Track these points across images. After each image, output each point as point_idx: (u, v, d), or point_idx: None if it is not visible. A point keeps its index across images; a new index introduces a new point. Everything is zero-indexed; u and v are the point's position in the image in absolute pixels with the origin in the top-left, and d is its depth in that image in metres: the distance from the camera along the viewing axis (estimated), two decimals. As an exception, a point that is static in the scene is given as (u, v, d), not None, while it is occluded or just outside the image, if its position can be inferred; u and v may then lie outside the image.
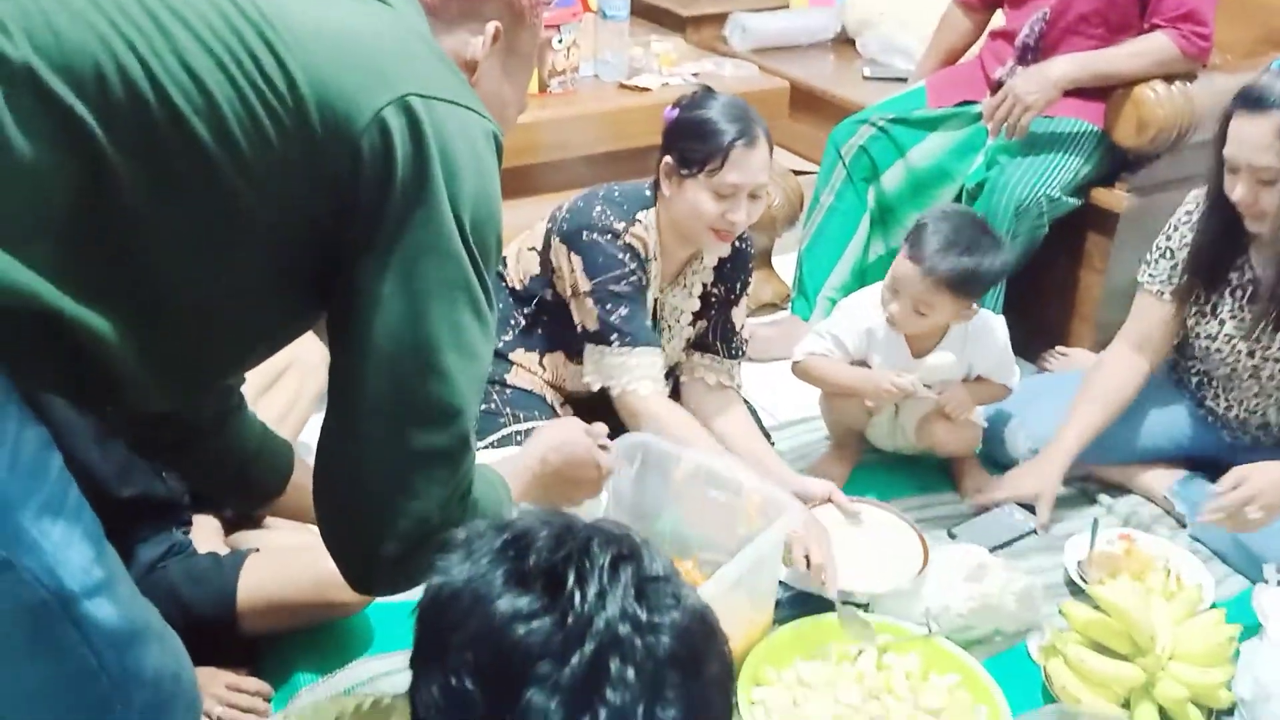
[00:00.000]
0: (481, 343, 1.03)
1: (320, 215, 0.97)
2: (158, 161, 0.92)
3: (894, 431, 2.20)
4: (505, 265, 2.07)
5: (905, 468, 2.23)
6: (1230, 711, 1.64)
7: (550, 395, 2.07)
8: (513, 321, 2.05)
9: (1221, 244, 1.94)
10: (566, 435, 1.47)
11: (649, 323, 1.93)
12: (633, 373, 1.88)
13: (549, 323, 2.03)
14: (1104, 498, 2.17)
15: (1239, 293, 1.96)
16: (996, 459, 2.25)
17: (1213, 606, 1.78)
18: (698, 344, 2.12)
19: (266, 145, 0.94)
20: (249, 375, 1.34)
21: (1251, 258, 1.95)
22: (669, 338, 2.05)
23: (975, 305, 2.03)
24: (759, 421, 2.17)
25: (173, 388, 1.05)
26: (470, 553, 0.67)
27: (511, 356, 2.05)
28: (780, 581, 1.79)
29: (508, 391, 2.03)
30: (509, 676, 0.62)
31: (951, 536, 2.04)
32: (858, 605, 1.81)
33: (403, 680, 1.65)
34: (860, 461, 2.24)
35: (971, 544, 1.96)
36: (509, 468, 1.31)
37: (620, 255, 1.88)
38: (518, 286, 2.04)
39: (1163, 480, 2.14)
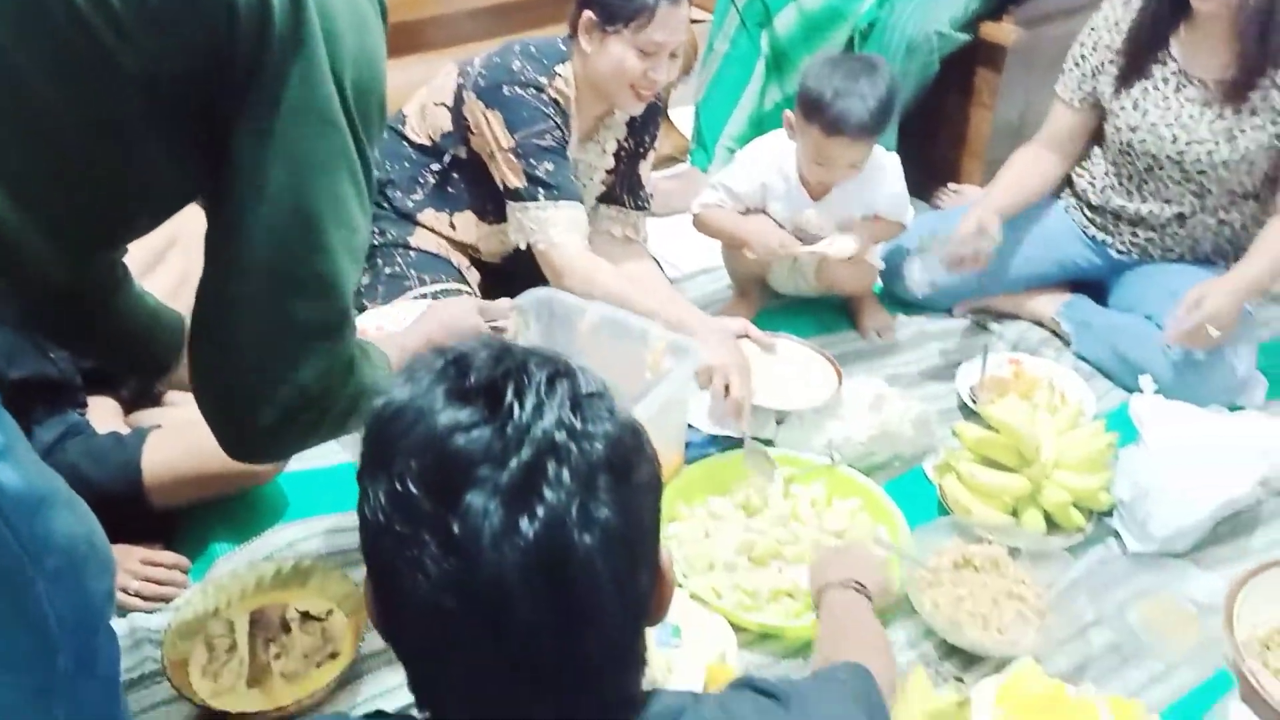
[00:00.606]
0: (360, 215, 1.04)
1: (197, 72, 0.94)
2: (27, 20, 0.88)
3: (794, 275, 2.23)
4: (405, 122, 2.01)
5: (807, 310, 2.28)
6: (1109, 512, 1.76)
7: (456, 258, 2.05)
8: (421, 180, 2.00)
9: (1155, 30, 1.98)
10: (456, 312, 1.47)
11: (572, 175, 1.91)
12: (558, 226, 1.87)
13: (461, 181, 1.99)
14: (995, 325, 2.26)
15: (1163, 84, 2.00)
16: (895, 295, 2.31)
17: (1095, 418, 1.89)
18: (604, 197, 2.11)
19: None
20: (134, 255, 1.30)
21: (1173, 49, 1.99)
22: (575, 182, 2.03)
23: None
24: (664, 273, 2.18)
25: (55, 256, 1.02)
26: (412, 376, 0.70)
27: (420, 218, 2.02)
28: (690, 425, 1.83)
29: (411, 254, 2.01)
30: (450, 481, 0.64)
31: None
32: (764, 441, 1.88)
33: (320, 543, 1.68)
34: (763, 306, 2.28)
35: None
36: (393, 345, 1.31)
37: (544, 109, 1.85)
38: (426, 142, 1.99)
39: (1049, 304, 2.23)
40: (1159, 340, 1.97)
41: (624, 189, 2.09)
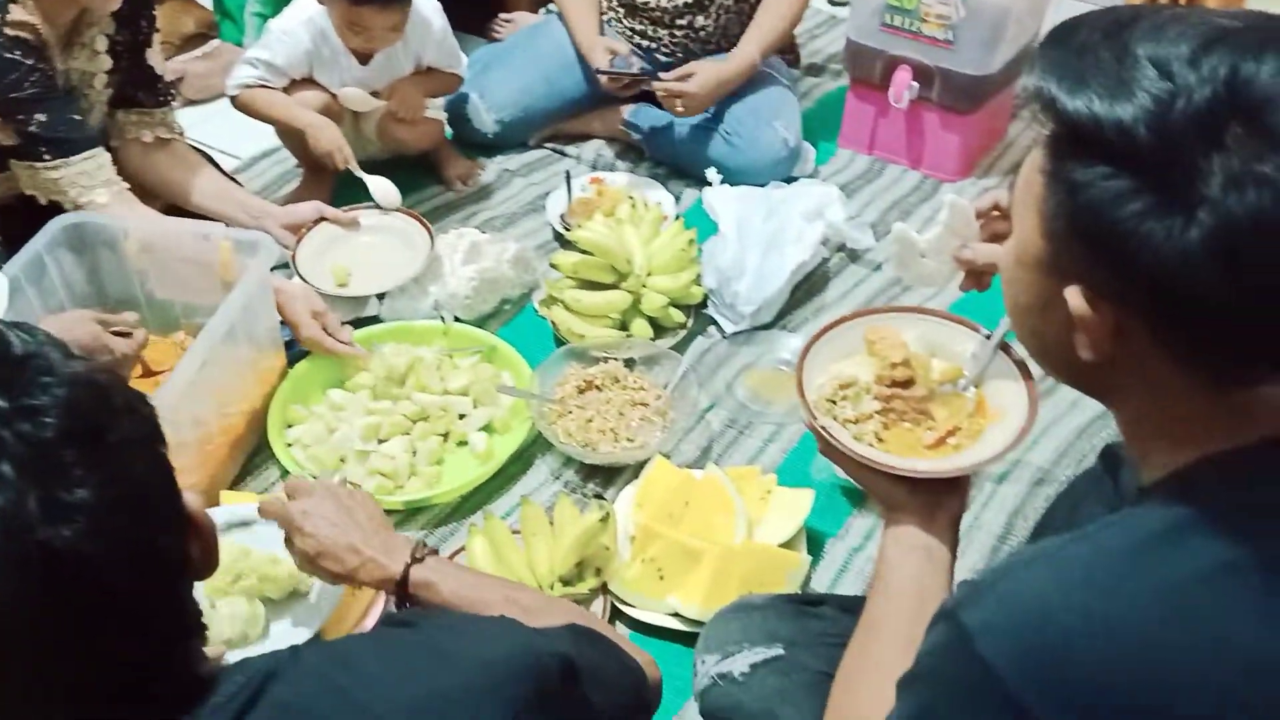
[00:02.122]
0: None
1: None
2: None
3: (359, 143, 2.11)
4: None
5: (385, 174, 2.17)
6: (704, 304, 1.88)
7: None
8: None
9: None
10: (69, 323, 1.39)
11: (75, 116, 1.64)
12: (78, 184, 1.62)
13: None
14: (571, 149, 2.29)
15: None
16: (470, 140, 2.27)
17: (676, 219, 1.98)
18: (117, 101, 1.85)
19: None
20: None
21: None
22: (86, 109, 1.77)
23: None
24: (218, 167, 1.99)
25: None
26: None
27: None
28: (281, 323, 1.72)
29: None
30: None
31: None
32: (370, 319, 1.82)
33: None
34: (338, 181, 2.16)
35: None
36: None
37: (7, 56, 1.54)
38: None
39: (616, 118, 2.27)
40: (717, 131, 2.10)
41: (137, 87, 1.83)
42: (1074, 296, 0.67)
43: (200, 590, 1.23)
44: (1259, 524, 0.64)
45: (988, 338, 0.98)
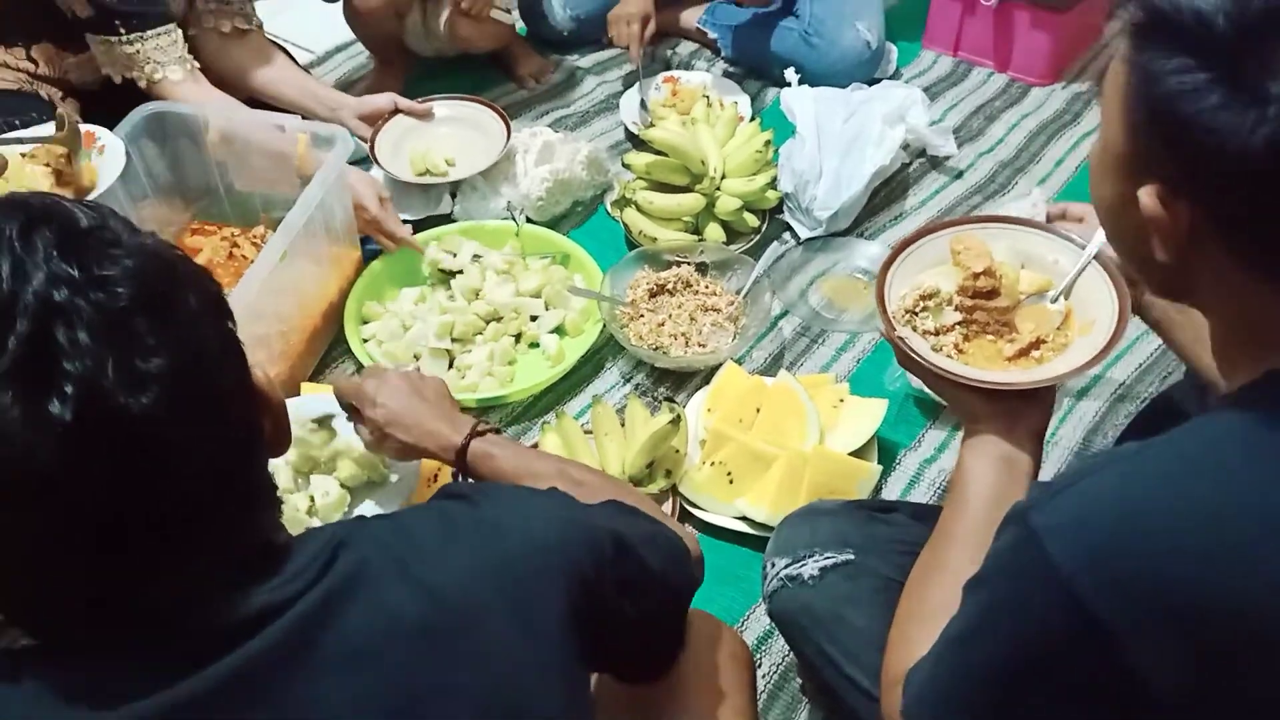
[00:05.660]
0: None
1: None
2: None
3: (428, 36, 2.09)
4: None
5: (457, 70, 2.16)
6: (779, 208, 1.84)
7: (46, 90, 1.77)
8: None
9: None
10: None
11: None
12: (153, 59, 1.64)
13: (16, 10, 1.68)
14: (645, 47, 2.23)
15: None
16: (543, 37, 2.23)
17: (752, 120, 1.93)
18: (192, -9, 1.84)
19: None
20: None
21: None
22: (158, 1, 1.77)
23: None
24: (294, 60, 1.99)
25: None
26: None
27: None
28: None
29: (-15, 94, 1.71)
30: None
31: None
32: (442, 218, 1.82)
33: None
34: (410, 74, 2.14)
35: None
36: None
37: None
38: None
39: (691, 15, 2.22)
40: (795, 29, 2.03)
41: (215, -25, 1.83)
42: (1147, 196, 0.66)
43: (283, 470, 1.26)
44: None
45: (1082, 249, 0.95)
